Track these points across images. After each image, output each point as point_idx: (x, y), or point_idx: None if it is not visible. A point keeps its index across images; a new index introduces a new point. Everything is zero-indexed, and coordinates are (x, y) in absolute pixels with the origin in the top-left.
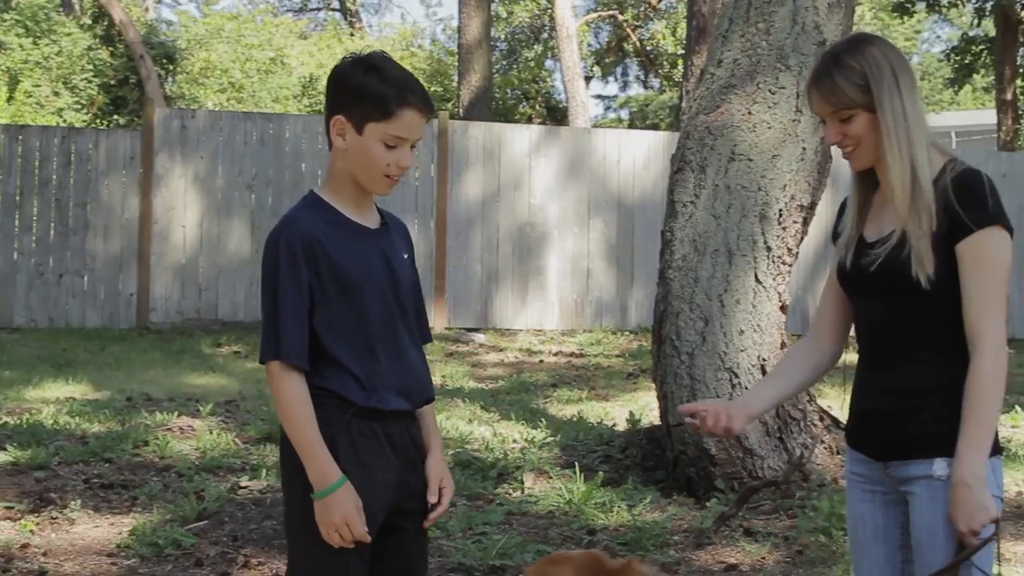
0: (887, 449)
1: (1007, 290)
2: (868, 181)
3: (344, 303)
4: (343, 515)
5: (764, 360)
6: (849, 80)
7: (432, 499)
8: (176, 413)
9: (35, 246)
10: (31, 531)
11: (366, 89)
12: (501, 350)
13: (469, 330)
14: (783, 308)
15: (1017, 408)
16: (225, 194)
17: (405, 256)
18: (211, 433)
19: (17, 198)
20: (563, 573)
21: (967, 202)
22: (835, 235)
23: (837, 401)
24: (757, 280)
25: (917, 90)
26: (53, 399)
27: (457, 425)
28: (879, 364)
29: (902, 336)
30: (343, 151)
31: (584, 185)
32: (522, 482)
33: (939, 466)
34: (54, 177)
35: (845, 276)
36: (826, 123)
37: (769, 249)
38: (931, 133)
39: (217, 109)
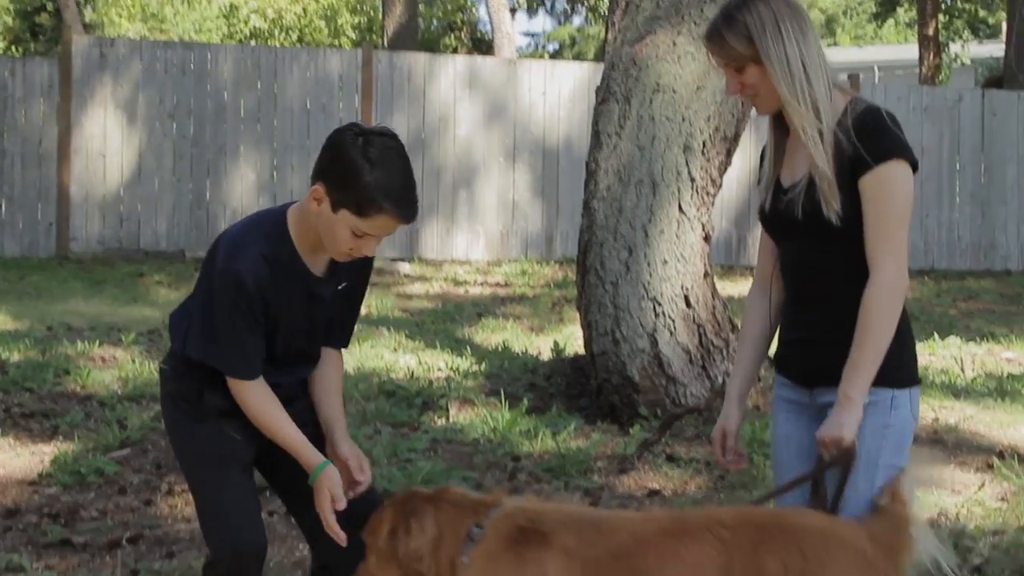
0: (812, 377)
1: (908, 221)
2: (781, 125)
3: (272, 333)
4: (329, 488)
5: (687, 289)
6: (735, 34)
7: (360, 478)
8: (98, 343)
9: None
10: None
11: (353, 178)
12: (427, 280)
13: (395, 260)
14: (707, 238)
15: (935, 336)
16: (146, 123)
17: (341, 287)
18: (133, 362)
19: None
20: (386, 513)
21: (867, 138)
22: (759, 180)
23: None
24: (681, 210)
25: (810, 35)
26: None
27: (382, 354)
28: (802, 299)
29: (821, 273)
30: (315, 214)
31: (510, 117)
32: (447, 410)
33: None
34: None
35: (765, 219)
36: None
37: (693, 180)
38: (832, 75)
39: (137, 39)
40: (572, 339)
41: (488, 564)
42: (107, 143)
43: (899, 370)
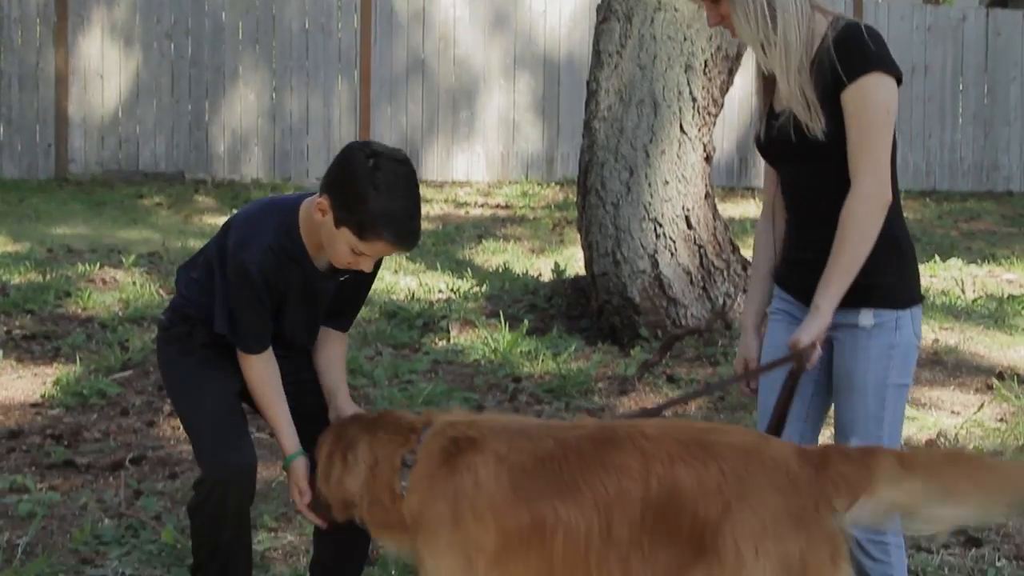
0: (812, 295)
1: (889, 134)
2: None
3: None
4: (295, 481)
5: (688, 210)
6: None
7: None
8: (98, 265)
9: None
10: None
11: (357, 201)
12: (427, 202)
13: None
14: (708, 159)
15: (936, 258)
16: (144, 44)
17: (344, 278)
18: (134, 284)
19: None
20: (327, 438)
21: (845, 54)
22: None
23: None
24: (682, 130)
25: None
26: None
27: (383, 275)
28: (801, 220)
29: (818, 194)
30: (319, 224)
31: (511, 37)
32: (448, 331)
33: (865, 316)
34: None
35: (761, 147)
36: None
37: (694, 99)
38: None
39: None
40: (573, 260)
41: (426, 484)
42: (104, 64)
43: (903, 291)
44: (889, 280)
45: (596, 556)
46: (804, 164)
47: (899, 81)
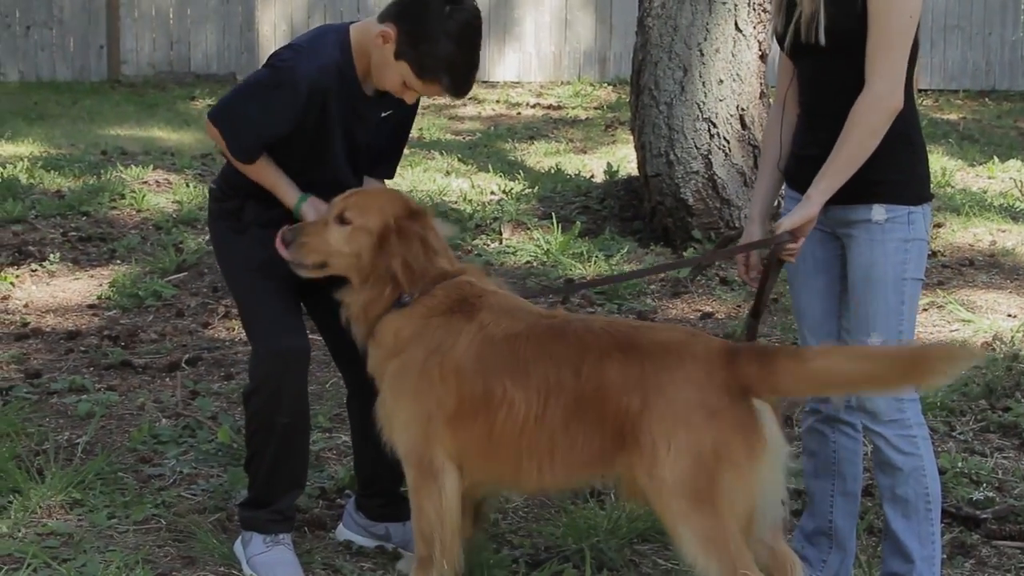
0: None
1: (909, 40)
2: None
3: (305, 145)
4: (315, 208)
5: (743, 110)
6: None
7: None
8: (152, 167)
9: None
10: (11, 284)
11: (427, 41)
12: (479, 102)
13: None
14: (763, 57)
15: (995, 159)
16: None
17: (386, 114)
18: (187, 186)
19: None
20: (382, 204)
21: None
22: None
23: None
24: (737, 28)
25: None
26: (27, 154)
27: (434, 177)
28: (815, 115)
29: (834, 90)
30: (378, 49)
31: None
32: (500, 233)
33: (877, 211)
34: None
35: (779, 38)
36: None
37: None
38: None
39: None
40: (625, 161)
41: (417, 321)
42: None
43: (914, 187)
44: (901, 177)
45: (529, 434)
46: (823, 59)
47: None
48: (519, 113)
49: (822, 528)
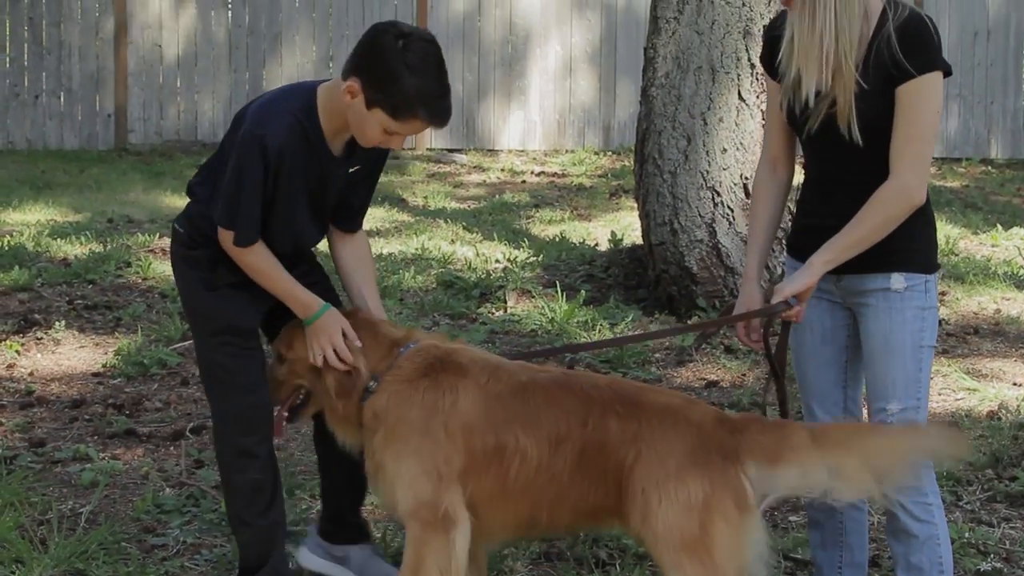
0: (844, 264)
1: (936, 133)
2: None
3: (270, 206)
4: (328, 336)
5: (747, 179)
6: None
7: None
8: (157, 235)
9: (9, 66)
10: (17, 352)
11: (391, 80)
12: (484, 170)
13: (451, 151)
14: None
15: (999, 227)
16: (201, 13)
17: (354, 170)
18: None
19: None
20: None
21: (912, 49)
22: (763, 59)
23: None
24: (740, 97)
25: None
26: (34, 222)
27: (439, 245)
28: (830, 189)
29: (853, 170)
30: (347, 106)
31: (567, 3)
32: (505, 301)
33: (896, 280)
34: None
35: (794, 120)
36: None
37: (753, 66)
38: None
39: None
40: (630, 230)
41: (402, 389)
42: (163, 35)
43: (929, 256)
44: (918, 245)
45: (541, 484)
46: (844, 144)
47: (948, 75)
48: (523, 181)
49: None
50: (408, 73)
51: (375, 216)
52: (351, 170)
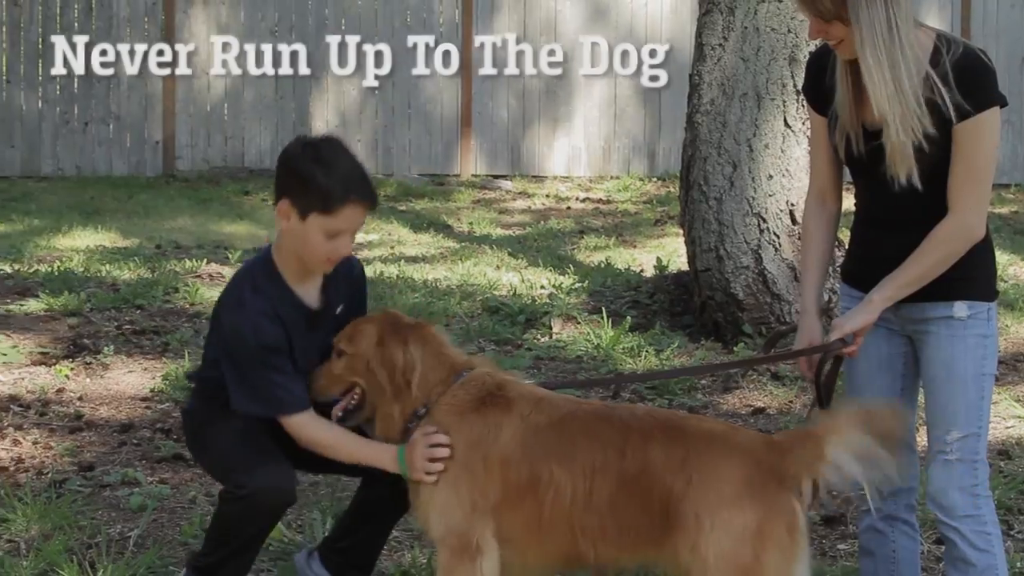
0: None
1: (994, 169)
2: (858, 66)
3: None
4: (420, 463)
5: (792, 205)
6: None
7: None
8: (205, 260)
9: (59, 94)
10: (66, 376)
11: (312, 181)
12: (529, 196)
13: (496, 177)
14: None
15: None
16: (248, 42)
17: (339, 311)
18: None
19: (40, 46)
20: (368, 327)
21: (970, 88)
22: (806, 91)
23: None
24: (786, 124)
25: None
26: (83, 247)
27: (484, 271)
28: (885, 225)
29: (910, 207)
30: (287, 233)
31: (612, 27)
32: (550, 328)
33: (959, 308)
34: (76, 24)
35: (852, 160)
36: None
37: (799, 92)
38: (914, 16)
39: None
40: (675, 256)
41: (452, 418)
42: (211, 62)
43: (991, 285)
44: (979, 273)
45: (578, 516)
46: (899, 184)
47: (1003, 106)
48: (568, 207)
49: None
50: (323, 168)
51: (421, 242)
52: (337, 312)
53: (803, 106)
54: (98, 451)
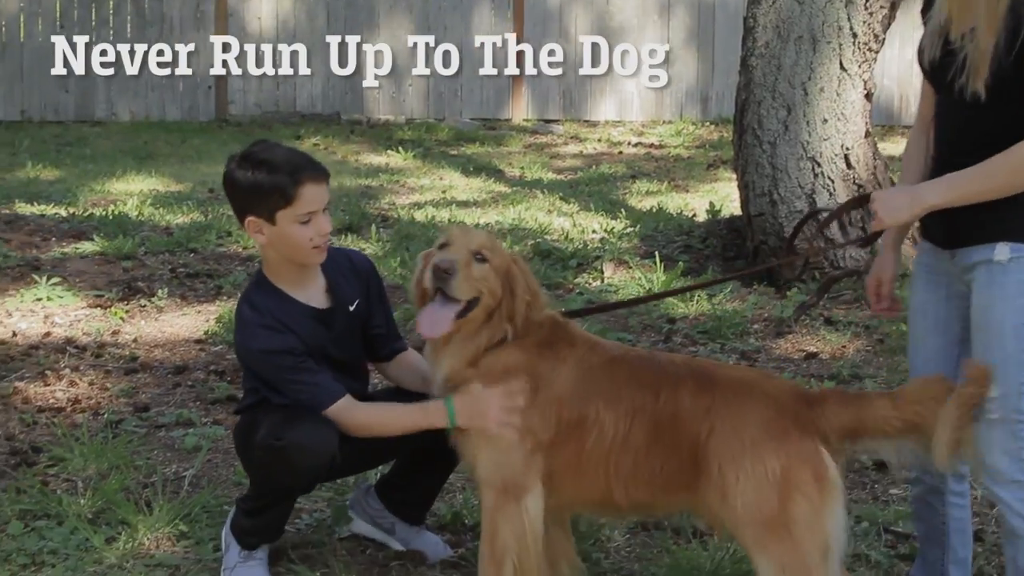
0: (955, 236)
1: None
2: None
3: None
4: (496, 414)
5: (847, 149)
6: None
7: None
8: None
9: (113, 39)
10: (121, 319)
11: (261, 185)
12: (581, 140)
13: (547, 121)
14: (868, 96)
15: None
16: None
17: (353, 307)
18: None
19: None
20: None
21: None
22: (924, 21)
23: None
24: (842, 67)
25: None
26: (137, 191)
27: (536, 216)
28: (951, 156)
29: (975, 131)
30: (268, 245)
31: None
32: (602, 272)
33: (1000, 250)
34: None
35: (926, 70)
36: None
37: (855, 35)
38: None
39: None
40: (728, 200)
41: (521, 351)
42: (263, 6)
43: None
44: None
45: (615, 456)
46: (970, 103)
47: None
48: (620, 152)
49: None
50: (264, 169)
51: (472, 187)
52: (351, 307)
53: (859, 48)
54: (153, 392)
